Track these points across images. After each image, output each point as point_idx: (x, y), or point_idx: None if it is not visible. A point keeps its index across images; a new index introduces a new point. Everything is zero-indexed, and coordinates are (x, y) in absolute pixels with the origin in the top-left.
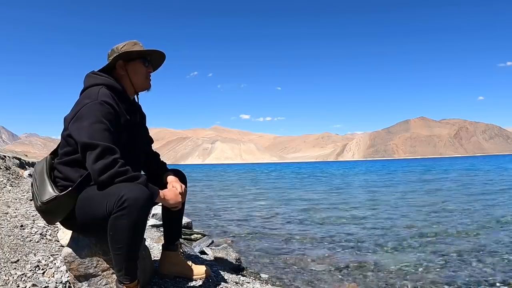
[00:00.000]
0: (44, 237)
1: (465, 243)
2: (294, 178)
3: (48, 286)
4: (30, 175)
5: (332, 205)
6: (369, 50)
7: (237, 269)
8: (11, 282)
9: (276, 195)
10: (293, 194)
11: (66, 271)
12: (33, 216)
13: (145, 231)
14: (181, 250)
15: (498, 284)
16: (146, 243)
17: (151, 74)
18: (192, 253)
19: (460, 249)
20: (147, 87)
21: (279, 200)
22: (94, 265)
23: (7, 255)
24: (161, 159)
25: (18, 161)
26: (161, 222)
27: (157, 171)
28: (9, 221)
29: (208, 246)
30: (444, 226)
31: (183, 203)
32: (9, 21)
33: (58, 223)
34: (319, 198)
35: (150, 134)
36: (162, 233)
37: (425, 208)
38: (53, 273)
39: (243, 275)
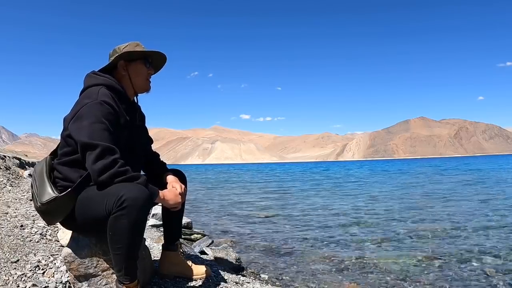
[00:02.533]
0: (44, 237)
1: (466, 244)
2: (295, 178)
3: (48, 286)
4: (30, 175)
5: (332, 206)
6: (369, 50)
7: (237, 269)
8: (11, 282)
9: (276, 195)
10: (294, 194)
11: (66, 271)
12: (33, 216)
13: (145, 231)
14: (181, 250)
15: (498, 284)
16: (146, 243)
17: (151, 76)
18: (192, 253)
19: (461, 249)
20: (147, 88)
21: (279, 200)
22: (94, 265)
23: (7, 255)
24: (161, 159)
25: (18, 161)
26: (161, 222)
27: (157, 171)
28: (9, 221)
29: (208, 246)
30: (445, 227)
31: (183, 204)
32: (9, 21)
33: (58, 223)
34: (320, 198)
35: (150, 134)
36: (162, 233)
37: (426, 208)
38: (53, 273)
39: (243, 275)
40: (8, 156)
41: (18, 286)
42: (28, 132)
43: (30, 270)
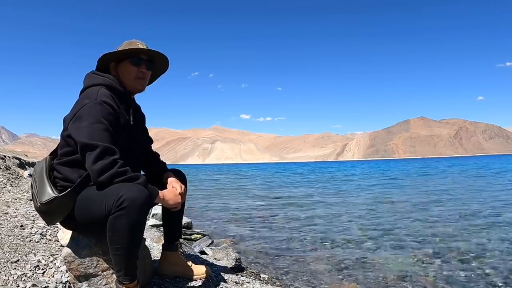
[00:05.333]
0: (44, 237)
1: (465, 243)
2: (295, 178)
3: (48, 286)
4: (30, 175)
5: (333, 206)
6: (369, 50)
7: (237, 269)
8: (11, 282)
9: (277, 196)
10: (294, 195)
11: (66, 271)
12: (33, 216)
13: (145, 231)
14: (181, 250)
15: (498, 284)
16: (146, 243)
17: (145, 74)
18: (192, 253)
19: (461, 249)
20: (137, 88)
21: (280, 200)
22: (94, 265)
23: (7, 255)
24: (161, 159)
25: (18, 161)
26: (161, 222)
27: (157, 171)
28: (9, 221)
29: (208, 246)
30: (445, 227)
31: (182, 203)
32: (9, 21)
33: (58, 223)
34: (320, 199)
35: (150, 134)
36: (162, 233)
37: (425, 208)
38: (53, 273)
39: (243, 275)
40: (8, 156)
41: (18, 286)
42: (28, 132)
43: (30, 270)
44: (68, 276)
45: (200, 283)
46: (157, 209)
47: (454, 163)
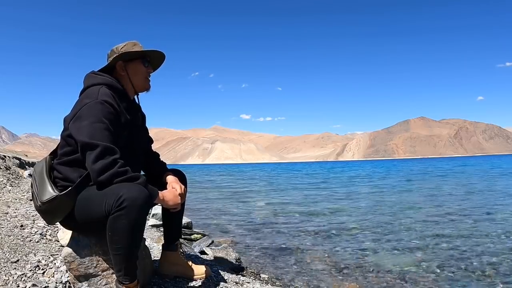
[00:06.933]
0: (44, 237)
1: (466, 244)
2: (296, 178)
3: (48, 286)
4: (30, 175)
5: (334, 206)
6: (369, 50)
7: (237, 269)
8: (11, 282)
9: (276, 195)
10: (294, 195)
11: (66, 271)
12: (33, 216)
13: (145, 231)
14: (181, 250)
15: (498, 284)
16: (146, 243)
17: (150, 74)
18: (192, 253)
19: (461, 249)
20: (147, 87)
21: (280, 200)
22: (94, 265)
23: (7, 255)
24: (161, 159)
25: (18, 161)
26: (161, 222)
27: (157, 171)
28: (9, 221)
29: (208, 246)
30: (446, 227)
31: (183, 204)
32: (9, 21)
33: (58, 223)
34: (319, 198)
35: (150, 134)
36: (162, 233)
37: (426, 208)
38: (53, 273)
39: (243, 275)
40: (8, 156)
41: (18, 286)
42: (28, 132)
43: (30, 270)
44: (68, 276)
45: (200, 283)
46: (157, 209)
47: (456, 163)
